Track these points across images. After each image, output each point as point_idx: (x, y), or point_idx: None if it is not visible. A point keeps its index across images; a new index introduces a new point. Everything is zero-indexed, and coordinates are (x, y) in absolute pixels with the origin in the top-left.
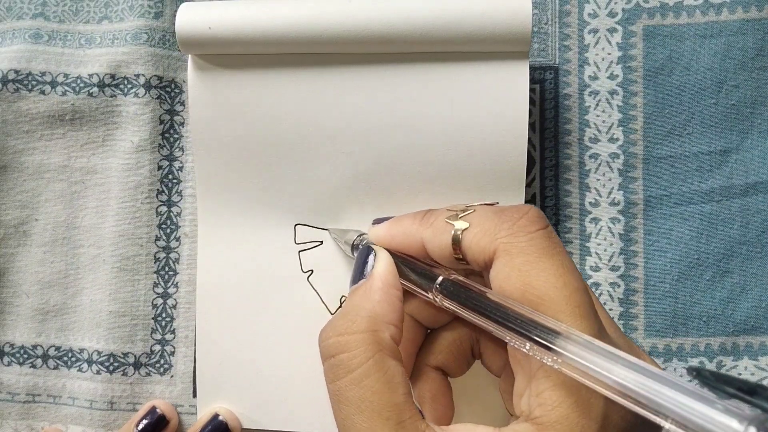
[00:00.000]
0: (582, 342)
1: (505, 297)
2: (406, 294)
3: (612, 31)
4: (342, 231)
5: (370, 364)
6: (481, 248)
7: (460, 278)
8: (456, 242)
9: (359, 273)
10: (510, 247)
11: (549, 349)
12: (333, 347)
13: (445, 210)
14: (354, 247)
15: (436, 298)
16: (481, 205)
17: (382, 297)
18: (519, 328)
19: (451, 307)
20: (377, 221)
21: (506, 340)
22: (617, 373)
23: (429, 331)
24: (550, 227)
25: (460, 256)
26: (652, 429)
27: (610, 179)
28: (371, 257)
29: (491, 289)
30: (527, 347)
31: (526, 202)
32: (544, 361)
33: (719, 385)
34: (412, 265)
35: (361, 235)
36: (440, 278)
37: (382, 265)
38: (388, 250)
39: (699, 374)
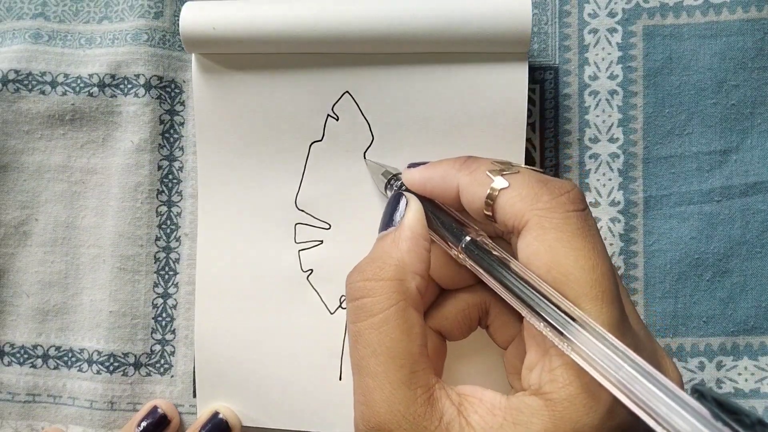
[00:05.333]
0: (595, 333)
1: (529, 271)
2: None
3: (612, 31)
4: (380, 165)
5: (392, 311)
6: (514, 213)
7: (488, 241)
8: (490, 199)
9: (389, 219)
10: (544, 221)
11: (561, 333)
12: (359, 290)
13: (488, 161)
14: (388, 185)
15: (460, 256)
16: (527, 168)
17: (411, 247)
18: (536, 306)
19: (473, 267)
20: (412, 165)
21: (522, 314)
22: (623, 372)
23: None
24: (588, 210)
25: (490, 213)
26: None
27: (610, 179)
28: (402, 204)
29: (516, 256)
30: (541, 326)
31: None
32: (556, 344)
33: (720, 410)
34: (442, 217)
35: (397, 174)
36: (468, 238)
37: (412, 215)
38: (420, 198)
39: (702, 395)
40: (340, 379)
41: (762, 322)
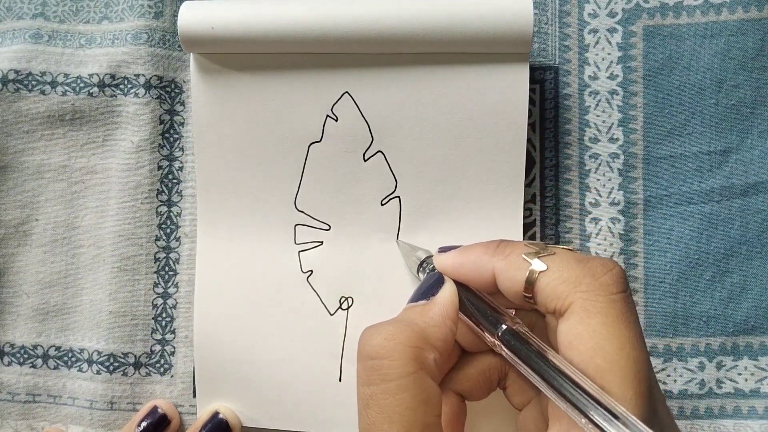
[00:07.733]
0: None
1: (568, 361)
2: None
3: (612, 31)
4: (412, 247)
5: (410, 379)
6: (556, 296)
7: (524, 330)
8: (530, 282)
9: (421, 294)
10: (588, 304)
11: None
12: (375, 350)
13: (521, 244)
14: (421, 267)
15: (496, 344)
16: (561, 248)
17: (437, 323)
18: (578, 402)
19: (509, 357)
20: (443, 249)
21: (562, 408)
22: None
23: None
24: (629, 291)
25: (530, 296)
26: None
27: (610, 179)
28: (437, 284)
29: (556, 337)
30: (583, 422)
31: (525, 202)
32: None
33: None
34: (477, 303)
35: (428, 257)
36: (504, 327)
37: (446, 296)
38: (458, 283)
39: None
40: (340, 380)
41: (762, 322)
